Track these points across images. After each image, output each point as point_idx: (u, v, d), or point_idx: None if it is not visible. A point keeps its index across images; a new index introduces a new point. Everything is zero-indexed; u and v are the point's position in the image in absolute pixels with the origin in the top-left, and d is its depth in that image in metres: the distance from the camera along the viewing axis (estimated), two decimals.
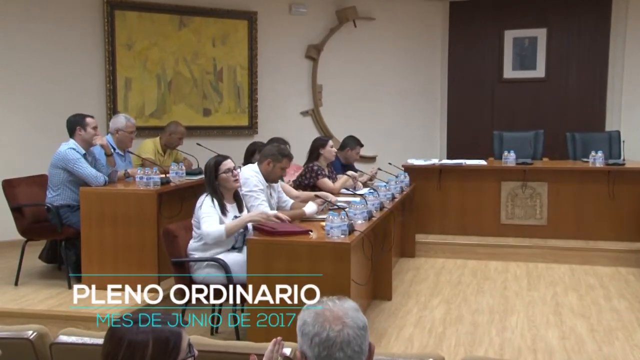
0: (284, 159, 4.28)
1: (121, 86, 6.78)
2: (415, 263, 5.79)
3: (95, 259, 4.41)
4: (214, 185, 3.70)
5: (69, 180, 4.58)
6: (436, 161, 6.54)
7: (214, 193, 3.68)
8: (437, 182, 6.24)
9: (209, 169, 3.74)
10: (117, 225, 4.38)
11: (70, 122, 4.70)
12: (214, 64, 7.25)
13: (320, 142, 5.48)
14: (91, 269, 4.39)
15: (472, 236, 6.10)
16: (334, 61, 7.70)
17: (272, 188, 4.37)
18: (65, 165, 4.53)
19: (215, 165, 3.73)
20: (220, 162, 3.75)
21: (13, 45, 6.24)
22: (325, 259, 3.33)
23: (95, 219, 4.42)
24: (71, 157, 4.53)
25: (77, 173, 4.52)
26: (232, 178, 3.77)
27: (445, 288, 4.99)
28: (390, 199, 4.79)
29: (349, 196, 4.81)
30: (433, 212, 6.24)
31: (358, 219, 3.84)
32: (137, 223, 4.36)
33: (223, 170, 3.73)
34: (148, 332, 1.55)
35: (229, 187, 3.78)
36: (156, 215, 4.36)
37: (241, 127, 7.41)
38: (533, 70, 7.87)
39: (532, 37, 7.85)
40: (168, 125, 5.79)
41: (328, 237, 3.42)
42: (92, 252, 4.42)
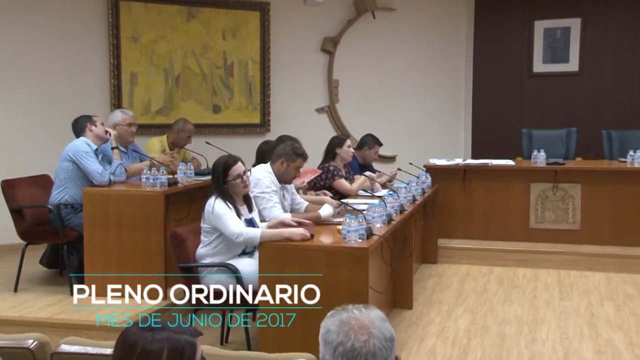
0: (299, 159, 4.28)
1: (126, 81, 6.83)
2: (437, 269, 5.77)
3: (98, 263, 4.44)
4: (223, 189, 3.69)
5: (76, 175, 4.63)
6: (460, 161, 6.52)
7: (224, 196, 3.67)
8: (461, 184, 6.21)
9: (217, 172, 3.71)
10: (121, 228, 4.41)
11: (77, 122, 4.79)
12: (224, 58, 7.28)
13: (337, 141, 5.48)
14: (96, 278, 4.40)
15: (499, 241, 6.07)
16: (351, 55, 7.70)
17: (285, 189, 4.37)
18: (75, 157, 4.60)
19: (224, 170, 3.68)
20: (229, 166, 3.69)
21: (12, 39, 6.30)
22: (341, 264, 3.33)
23: (99, 221, 4.45)
24: (82, 149, 4.60)
25: (84, 167, 4.58)
26: (242, 184, 3.74)
27: (470, 296, 4.96)
28: (410, 201, 4.77)
29: (367, 198, 4.80)
30: (457, 216, 6.22)
31: (376, 223, 3.83)
32: (142, 226, 4.38)
33: (233, 176, 3.69)
34: (163, 341, 1.56)
35: (238, 192, 3.77)
36: (163, 217, 4.38)
37: (253, 125, 7.43)
38: (565, 63, 7.81)
39: (564, 28, 7.79)
40: (176, 122, 5.82)
41: (345, 241, 3.42)
42: (95, 257, 4.45)
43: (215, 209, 3.61)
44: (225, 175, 3.69)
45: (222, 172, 3.69)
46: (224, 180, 3.68)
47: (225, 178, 3.69)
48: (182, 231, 3.73)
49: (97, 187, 4.58)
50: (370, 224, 3.68)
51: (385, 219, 3.92)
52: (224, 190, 3.68)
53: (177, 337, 1.58)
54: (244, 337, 3.65)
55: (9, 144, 6.29)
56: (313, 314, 3.18)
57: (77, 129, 4.79)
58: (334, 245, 3.45)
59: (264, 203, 4.11)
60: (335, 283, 3.32)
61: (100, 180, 4.57)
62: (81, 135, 4.74)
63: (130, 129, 5.12)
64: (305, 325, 3.29)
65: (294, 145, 4.33)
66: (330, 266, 3.34)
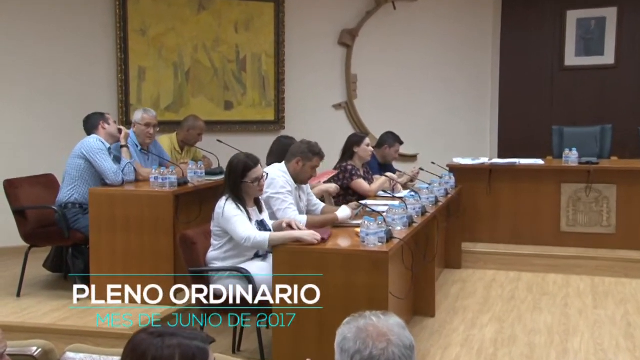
0: (315, 157, 4.29)
1: (134, 77, 6.87)
2: (461, 275, 5.75)
3: (104, 267, 4.47)
4: (237, 190, 3.71)
5: (88, 173, 4.69)
6: (486, 160, 6.49)
7: (236, 197, 3.69)
8: (487, 184, 6.18)
9: (234, 171, 3.72)
10: (129, 230, 4.45)
11: (89, 120, 4.86)
12: (236, 52, 7.31)
13: (355, 140, 5.48)
14: (100, 278, 4.44)
15: (528, 245, 6.04)
16: (370, 48, 7.69)
17: (301, 190, 4.38)
18: (89, 155, 4.66)
19: (243, 171, 3.71)
20: (249, 168, 3.71)
21: (13, 31, 6.34)
22: (359, 269, 3.34)
23: (105, 223, 4.49)
24: (96, 147, 4.66)
25: (98, 165, 4.64)
26: (258, 188, 3.77)
27: (497, 304, 4.94)
28: (433, 203, 4.77)
29: (387, 199, 4.80)
30: (482, 218, 6.20)
31: (397, 225, 3.84)
32: (151, 228, 4.42)
33: (251, 179, 3.71)
34: (174, 347, 1.57)
35: (251, 195, 3.80)
36: (172, 219, 4.41)
37: (266, 122, 7.45)
38: (600, 56, 7.74)
39: (599, 18, 7.72)
40: (186, 119, 5.85)
41: (363, 245, 3.42)
42: (101, 260, 4.49)
43: (225, 211, 3.63)
44: (244, 176, 3.70)
45: (242, 173, 3.70)
46: (241, 180, 3.70)
47: (243, 179, 3.70)
48: (192, 233, 3.75)
49: (104, 187, 4.63)
50: (390, 226, 3.68)
51: (406, 221, 3.91)
52: (237, 190, 3.70)
53: (188, 343, 1.58)
54: (256, 344, 3.66)
55: (11, 141, 6.35)
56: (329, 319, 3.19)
57: (89, 127, 4.84)
58: (352, 249, 3.45)
59: (279, 204, 4.12)
60: (353, 288, 3.32)
61: (115, 180, 4.63)
62: (93, 133, 4.80)
63: (148, 129, 5.11)
64: (321, 331, 3.30)
65: (311, 144, 4.33)
66: (348, 271, 3.35)
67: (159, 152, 5.28)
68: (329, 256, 3.41)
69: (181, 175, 4.81)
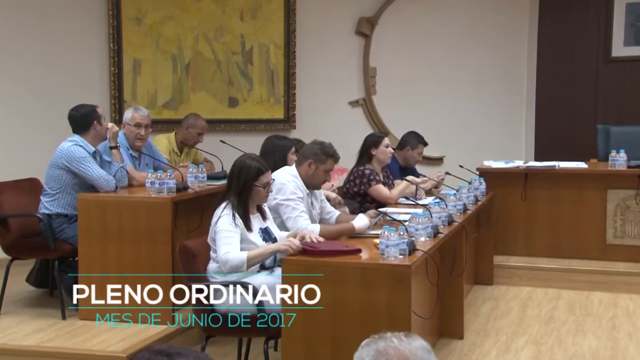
0: (329, 160, 4.30)
1: (128, 70, 6.93)
2: (493, 292, 5.74)
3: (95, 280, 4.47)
4: (244, 194, 3.74)
5: (72, 183, 4.69)
6: (521, 163, 6.47)
7: (239, 203, 3.72)
8: (522, 190, 6.17)
9: (244, 173, 3.76)
10: (122, 240, 4.47)
11: (83, 117, 4.75)
12: (242, 43, 7.34)
13: (373, 140, 5.50)
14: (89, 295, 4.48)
15: (569, 259, 6.02)
16: (391, 38, 7.70)
17: (313, 196, 4.40)
18: (70, 165, 4.64)
19: (255, 174, 3.76)
20: (262, 172, 3.79)
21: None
22: (379, 285, 3.34)
23: (96, 233, 4.52)
24: (77, 155, 4.64)
25: (85, 175, 4.63)
26: (265, 194, 3.84)
27: (533, 325, 4.92)
28: (461, 211, 4.77)
29: (409, 207, 4.80)
30: (516, 228, 6.19)
31: (421, 236, 3.84)
32: (147, 238, 4.44)
33: (262, 183, 3.78)
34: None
35: (256, 201, 3.84)
36: (171, 228, 4.44)
37: (275, 121, 7.48)
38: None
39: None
40: (186, 118, 5.89)
41: (383, 257, 3.43)
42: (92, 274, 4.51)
43: (217, 221, 3.68)
44: (255, 179, 3.75)
45: (254, 175, 3.76)
46: (253, 183, 3.74)
47: (254, 182, 3.75)
48: (192, 244, 3.77)
49: (94, 193, 4.65)
50: (413, 237, 3.69)
51: (431, 231, 3.92)
52: (244, 194, 3.74)
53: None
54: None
55: None
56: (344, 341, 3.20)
57: (81, 125, 4.74)
58: (371, 262, 3.46)
59: (289, 212, 4.14)
60: (371, 306, 3.33)
61: (108, 188, 4.64)
62: (80, 133, 4.75)
63: (138, 130, 5.11)
64: (336, 354, 3.32)
65: (324, 144, 4.35)
66: (366, 286, 3.36)
67: (153, 155, 5.30)
68: (344, 270, 3.42)
69: (180, 179, 4.83)
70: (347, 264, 3.45)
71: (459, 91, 7.87)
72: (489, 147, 7.59)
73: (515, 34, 7.95)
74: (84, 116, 4.77)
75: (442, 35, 7.79)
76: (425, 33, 7.76)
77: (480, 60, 7.87)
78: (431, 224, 3.94)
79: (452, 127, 7.75)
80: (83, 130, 4.75)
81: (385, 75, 7.75)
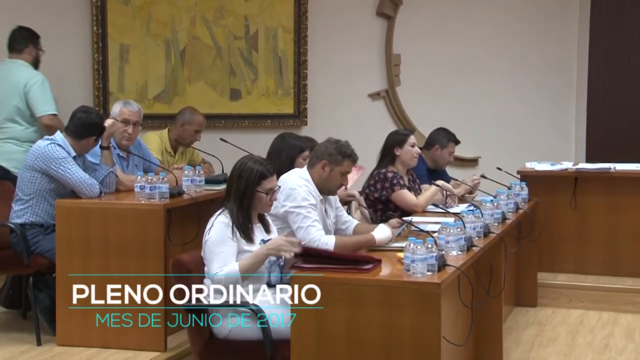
0: (346, 161, 4.31)
1: (114, 57, 6.95)
2: (537, 315, 5.73)
3: None
4: (246, 200, 3.75)
5: (48, 188, 4.70)
6: (570, 165, 6.45)
7: (239, 210, 3.74)
8: (572, 197, 6.16)
9: (247, 176, 3.77)
10: (107, 254, 4.49)
11: (89, 125, 4.74)
12: (245, 26, 7.35)
13: (397, 139, 5.49)
14: (69, 317, 4.51)
15: (627, 278, 6.02)
16: (418, 20, 7.70)
17: (328, 203, 4.41)
18: (47, 167, 4.64)
19: (258, 178, 3.77)
20: (266, 176, 3.80)
21: None
22: (403, 306, 3.33)
23: (77, 246, 4.54)
24: (55, 156, 4.63)
25: (64, 178, 4.64)
26: (268, 202, 3.84)
27: (586, 355, 4.91)
28: (499, 221, 4.76)
29: (439, 216, 4.80)
30: (565, 241, 6.19)
31: (452, 249, 3.83)
32: (136, 251, 4.45)
33: (265, 189, 3.79)
34: None
35: (258, 209, 3.86)
36: (163, 240, 4.45)
37: (284, 116, 7.49)
38: None
39: None
40: (181, 113, 5.90)
41: (408, 274, 3.42)
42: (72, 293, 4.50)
43: (211, 231, 3.69)
44: (258, 183, 3.77)
45: (257, 180, 3.77)
46: (255, 189, 3.75)
47: (256, 187, 3.76)
48: (188, 258, 3.78)
49: (75, 199, 4.67)
50: (443, 250, 3.68)
51: (464, 244, 3.91)
52: (246, 200, 3.75)
53: None
54: None
55: None
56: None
57: (82, 132, 4.73)
58: (393, 279, 3.46)
59: (299, 221, 4.14)
60: (394, 331, 3.32)
61: (91, 193, 4.65)
62: (69, 135, 4.74)
63: (125, 127, 5.13)
64: None
65: (340, 143, 4.35)
66: (388, 308, 3.35)
67: (143, 155, 5.33)
68: (364, 289, 3.40)
69: (174, 183, 4.85)
70: (365, 281, 3.43)
71: (498, 81, 7.86)
72: (532, 147, 7.57)
73: (564, 18, 7.93)
74: (90, 125, 4.75)
75: (478, 17, 7.78)
76: (458, 14, 7.75)
77: (523, 46, 7.86)
78: (464, 236, 3.93)
79: (489, 123, 7.73)
80: (77, 136, 4.74)
81: (411, 63, 7.75)
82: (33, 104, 5.65)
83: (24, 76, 5.70)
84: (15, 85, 5.68)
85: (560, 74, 7.97)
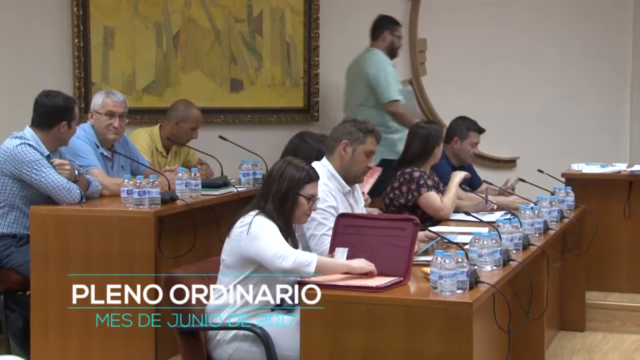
0: (369, 137, 4.37)
1: (98, 43, 6.96)
2: (585, 340, 5.72)
3: (53, 323, 4.54)
4: (285, 203, 3.76)
5: (22, 195, 4.74)
6: (624, 167, 6.44)
7: (279, 213, 3.74)
8: (626, 203, 6.15)
9: (288, 178, 3.79)
10: (90, 268, 4.49)
11: (54, 108, 4.75)
12: (248, 7, 7.37)
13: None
14: (46, 340, 4.53)
15: None
16: (446, 1, 7.71)
17: (354, 197, 4.45)
18: (18, 172, 4.66)
19: (302, 182, 3.80)
20: (310, 180, 3.82)
21: None
22: (429, 329, 3.34)
23: (54, 260, 4.56)
24: (26, 158, 4.65)
25: (38, 184, 4.65)
26: (307, 211, 3.86)
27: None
28: (540, 231, 4.76)
29: (470, 225, 4.81)
30: (617, 255, 6.18)
31: (486, 264, 3.84)
32: (123, 265, 4.46)
33: (308, 193, 3.81)
34: None
35: (296, 218, 3.86)
36: (154, 252, 4.47)
37: (292, 110, 7.50)
38: None
39: None
40: (174, 106, 5.94)
41: (435, 292, 3.43)
42: (48, 313, 4.55)
43: (252, 227, 3.67)
44: (302, 186, 3.79)
45: (301, 182, 3.79)
46: (298, 192, 3.78)
47: (299, 190, 3.78)
48: (182, 274, 3.78)
49: (52, 206, 4.68)
50: (475, 265, 3.69)
51: (500, 258, 3.91)
52: (287, 205, 3.76)
53: None
54: None
55: None
56: None
57: (47, 119, 4.74)
58: (419, 298, 3.47)
59: (313, 227, 4.16)
60: (419, 358, 3.33)
61: (69, 198, 4.66)
62: (39, 128, 4.75)
63: (110, 121, 5.15)
64: None
65: (358, 120, 4.41)
66: (412, 330, 3.35)
67: (131, 155, 5.36)
68: (383, 309, 3.41)
69: (167, 188, 4.87)
70: (384, 300, 3.44)
71: (539, 71, 7.86)
72: (579, 146, 7.58)
73: (618, 2, 7.93)
74: (56, 109, 4.78)
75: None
76: None
77: (569, 31, 7.86)
78: (500, 249, 3.94)
79: (529, 119, 7.74)
80: (45, 126, 4.77)
81: (438, 49, 7.77)
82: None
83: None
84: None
85: (612, 63, 7.98)
